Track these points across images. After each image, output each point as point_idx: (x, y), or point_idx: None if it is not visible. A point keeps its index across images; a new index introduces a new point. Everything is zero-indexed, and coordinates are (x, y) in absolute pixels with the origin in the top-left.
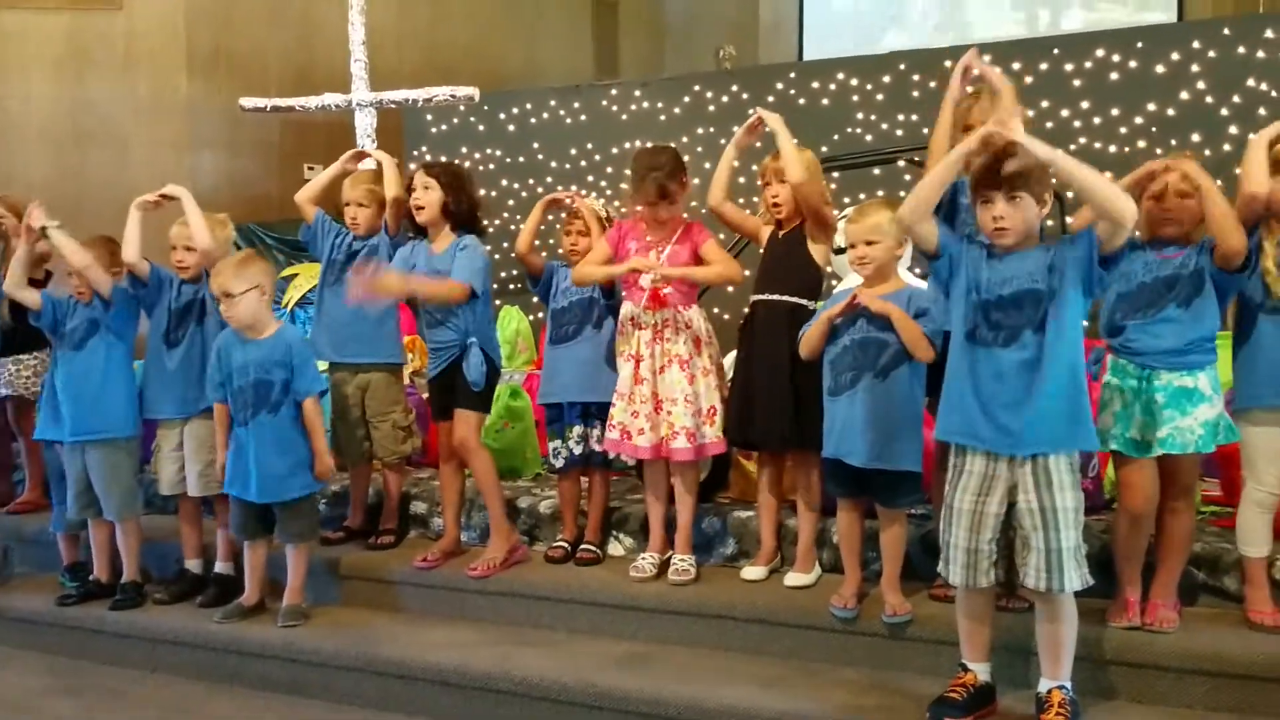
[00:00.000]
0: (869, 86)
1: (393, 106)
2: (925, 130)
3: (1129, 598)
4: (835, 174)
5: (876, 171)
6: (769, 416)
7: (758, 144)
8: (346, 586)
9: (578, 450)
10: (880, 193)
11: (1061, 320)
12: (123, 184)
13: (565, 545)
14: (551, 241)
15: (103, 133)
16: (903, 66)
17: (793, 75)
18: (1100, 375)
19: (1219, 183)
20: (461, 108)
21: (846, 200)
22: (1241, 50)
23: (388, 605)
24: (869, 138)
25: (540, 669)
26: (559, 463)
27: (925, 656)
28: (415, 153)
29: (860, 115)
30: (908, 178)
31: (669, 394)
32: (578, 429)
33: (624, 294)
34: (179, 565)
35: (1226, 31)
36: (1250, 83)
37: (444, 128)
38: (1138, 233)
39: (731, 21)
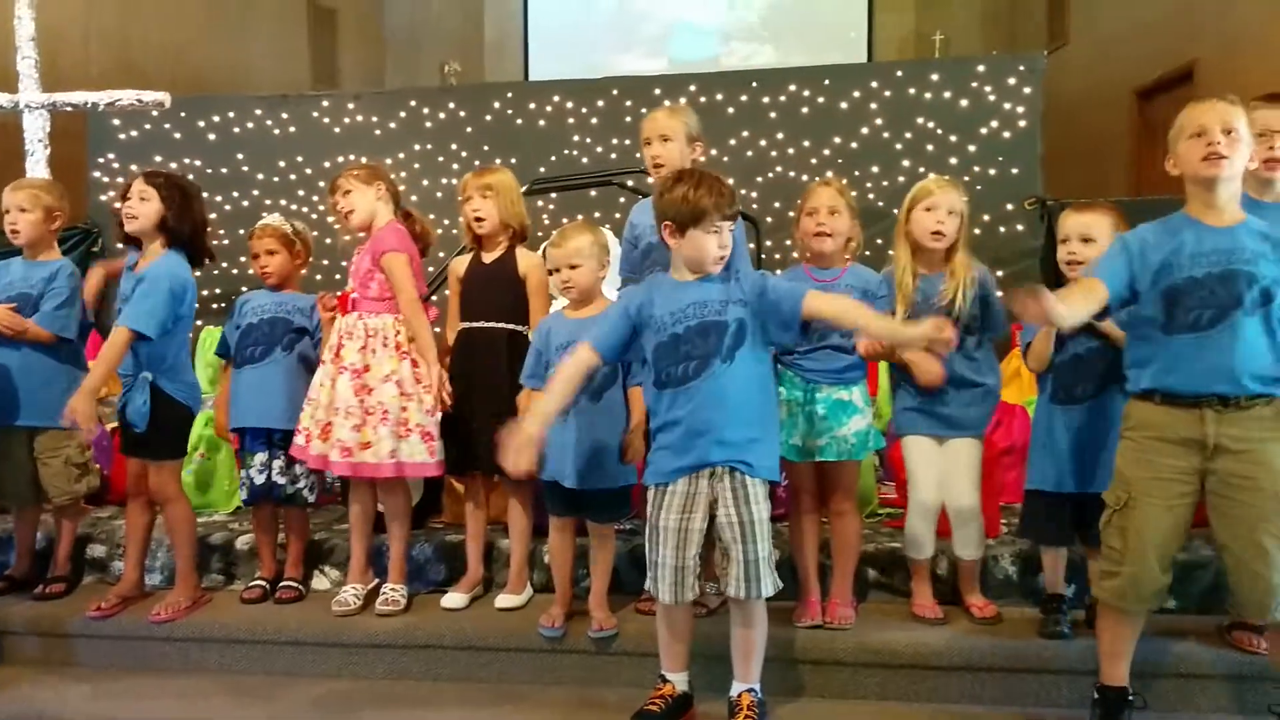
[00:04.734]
0: (584, 110)
1: (70, 109)
2: (637, 155)
3: (811, 598)
4: (553, 194)
5: (593, 193)
6: (489, 443)
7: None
8: (8, 643)
9: (259, 480)
10: (597, 215)
11: (748, 350)
12: None
13: (263, 584)
14: (243, 259)
15: None
16: (615, 92)
17: (510, 95)
18: None
19: (895, 211)
20: (154, 113)
21: (565, 220)
22: (912, 91)
23: (57, 661)
24: (585, 160)
25: (228, 718)
26: (244, 494)
27: (631, 670)
28: (100, 160)
29: (576, 137)
30: (622, 200)
31: (365, 404)
32: (260, 456)
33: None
34: None
35: (900, 74)
36: (919, 121)
37: (134, 134)
38: (794, 254)
39: (456, 37)
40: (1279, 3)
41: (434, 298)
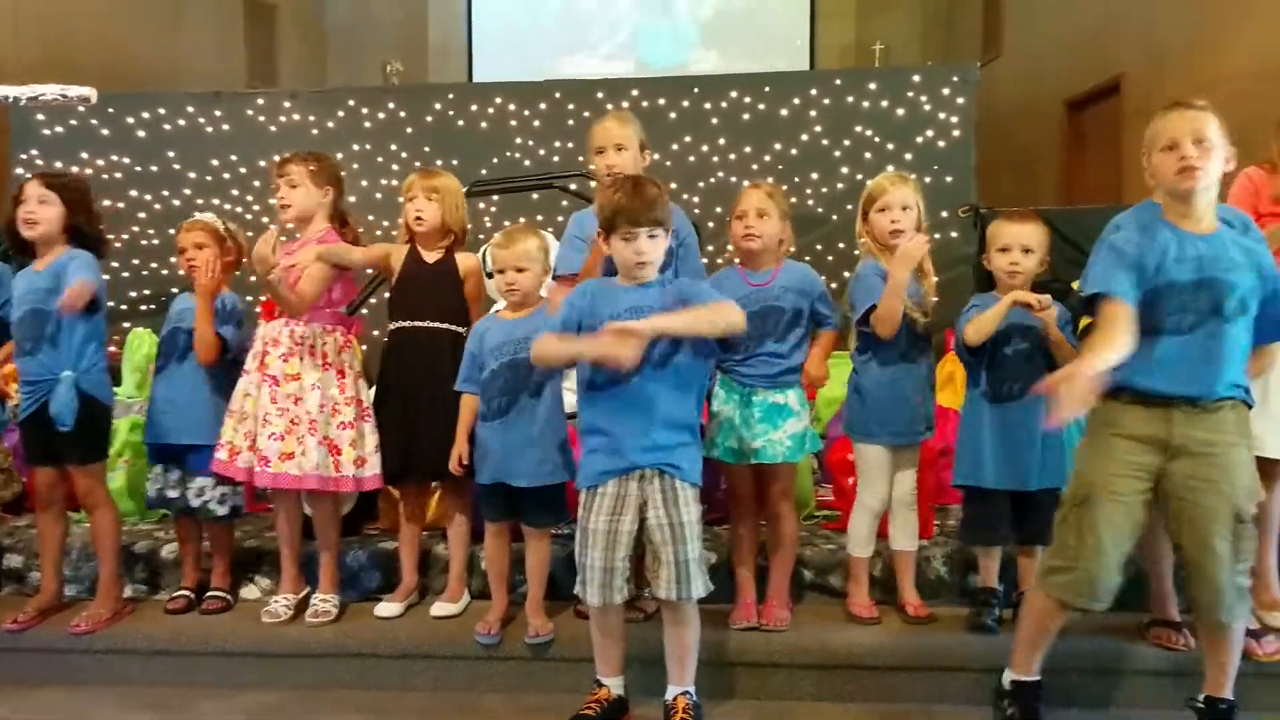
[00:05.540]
0: (526, 112)
1: None
2: (580, 158)
3: (746, 600)
4: (494, 197)
5: (534, 196)
6: (435, 447)
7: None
8: None
9: (151, 492)
10: (539, 217)
11: (683, 356)
12: None
13: (188, 594)
14: (173, 260)
15: None
16: (558, 95)
17: (451, 96)
18: None
19: (835, 217)
20: (80, 108)
21: (506, 223)
22: (850, 99)
23: None
24: (527, 162)
25: None
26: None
27: (568, 675)
28: (23, 156)
29: (519, 140)
30: (565, 203)
31: (290, 415)
32: (156, 469)
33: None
34: None
35: (838, 82)
36: (858, 128)
37: (59, 130)
38: (737, 260)
39: (399, 36)
40: (1198, 19)
41: (364, 310)
